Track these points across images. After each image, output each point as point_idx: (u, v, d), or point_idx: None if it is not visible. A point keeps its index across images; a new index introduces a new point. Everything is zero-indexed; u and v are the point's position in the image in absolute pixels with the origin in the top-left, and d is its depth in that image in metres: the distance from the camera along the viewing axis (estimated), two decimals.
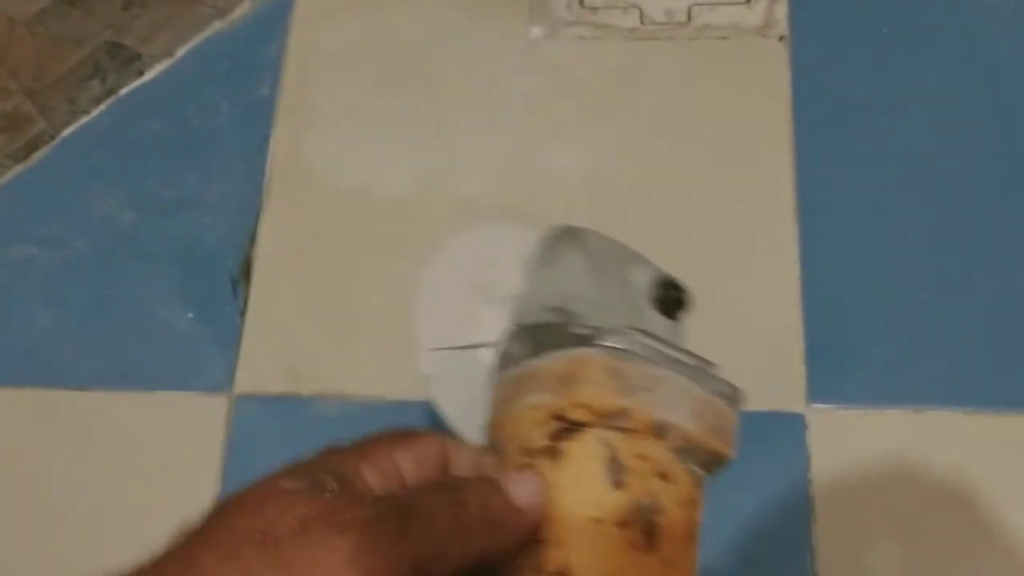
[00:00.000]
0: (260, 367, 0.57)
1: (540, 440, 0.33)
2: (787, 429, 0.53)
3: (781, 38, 0.62)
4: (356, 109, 0.63)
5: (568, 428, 0.33)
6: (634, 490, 0.32)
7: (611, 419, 0.32)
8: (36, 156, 0.63)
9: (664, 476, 0.33)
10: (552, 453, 0.33)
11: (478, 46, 0.64)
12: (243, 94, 0.64)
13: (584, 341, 0.33)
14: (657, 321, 0.37)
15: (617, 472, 0.32)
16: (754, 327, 0.56)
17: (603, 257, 0.39)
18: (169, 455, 0.56)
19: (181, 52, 0.66)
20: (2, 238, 0.62)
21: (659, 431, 0.32)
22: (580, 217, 0.58)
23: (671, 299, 0.38)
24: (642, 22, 0.64)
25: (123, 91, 0.65)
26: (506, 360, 0.37)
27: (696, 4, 0.64)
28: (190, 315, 0.58)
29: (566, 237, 0.39)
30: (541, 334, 0.36)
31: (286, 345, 0.57)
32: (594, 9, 0.65)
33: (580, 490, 0.32)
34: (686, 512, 0.33)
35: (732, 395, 0.34)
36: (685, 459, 0.33)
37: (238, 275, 0.59)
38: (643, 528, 0.32)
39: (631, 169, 0.60)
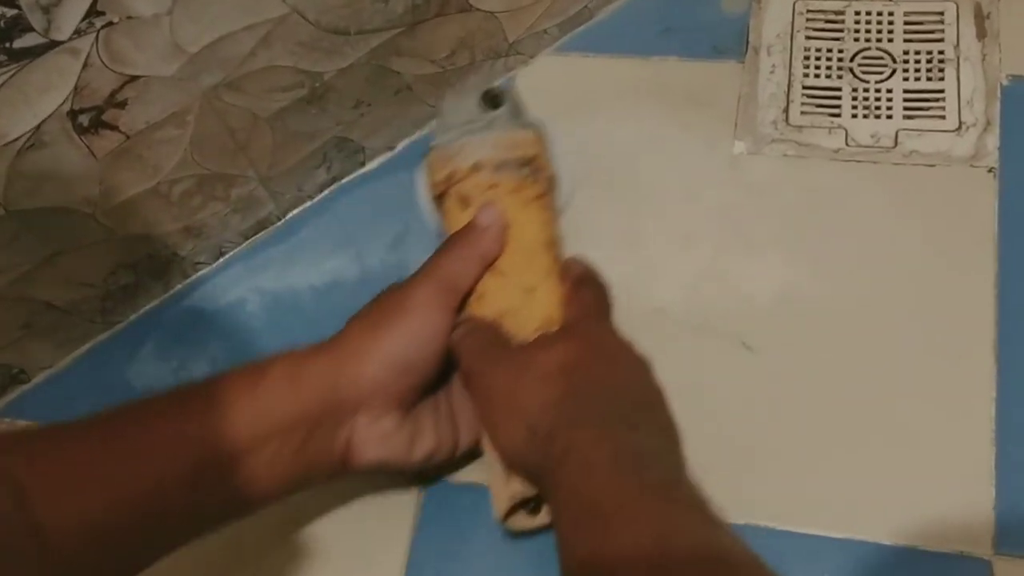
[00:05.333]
0: None
1: (439, 209, 0.59)
2: (972, 574, 0.52)
3: (990, 170, 0.62)
4: None
5: (440, 197, 0.58)
6: (475, 201, 0.55)
7: (450, 181, 0.56)
8: (262, 234, 0.69)
9: (493, 186, 0.55)
10: (442, 212, 0.58)
11: (681, 156, 0.66)
12: None
13: (427, 153, 0.58)
14: (493, 114, 0.58)
15: (463, 201, 0.56)
16: (942, 464, 0.55)
17: (463, 99, 0.59)
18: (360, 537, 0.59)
19: (400, 146, 0.70)
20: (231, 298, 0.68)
21: (476, 168, 0.56)
22: (770, 336, 0.59)
23: (490, 97, 0.58)
24: (847, 143, 0.64)
25: (345, 179, 0.70)
26: None
27: (904, 129, 0.64)
28: None
29: (450, 95, 0.61)
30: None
31: None
32: (799, 128, 0.65)
33: (452, 220, 0.56)
34: (517, 196, 0.55)
35: (521, 124, 0.58)
36: (504, 170, 0.56)
37: None
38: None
39: (825, 293, 0.60)
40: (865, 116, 0.65)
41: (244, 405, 0.48)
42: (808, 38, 0.69)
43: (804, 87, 0.67)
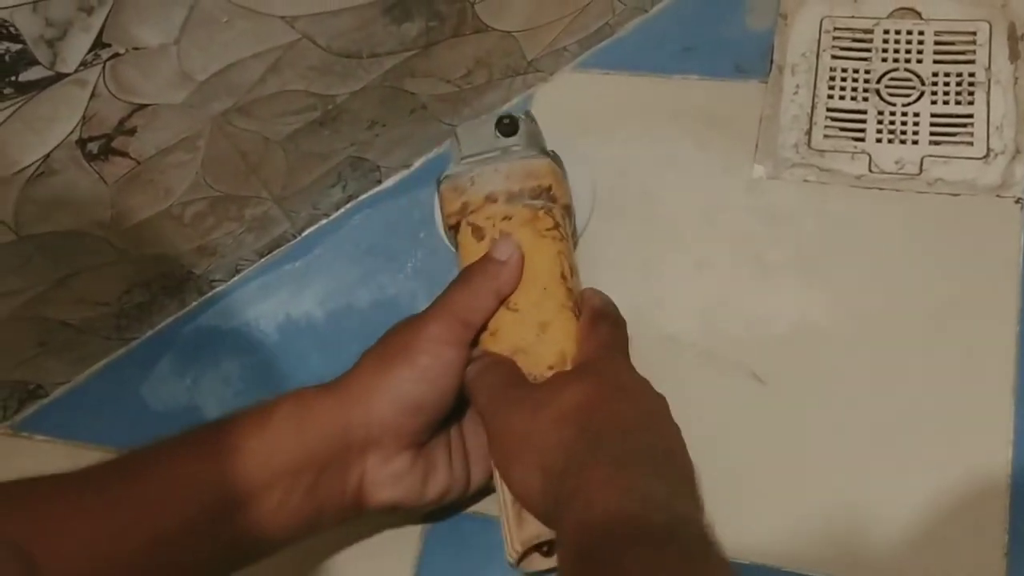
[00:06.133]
0: None
1: (453, 239, 0.58)
2: None
3: (1018, 201, 0.60)
4: None
5: (453, 227, 0.58)
6: (489, 232, 0.55)
7: (463, 212, 0.57)
8: (277, 252, 0.69)
9: (506, 217, 0.56)
10: (457, 242, 0.58)
11: (698, 179, 0.65)
12: None
13: (438, 184, 0.59)
14: (508, 141, 0.58)
15: (477, 233, 0.56)
16: (955, 507, 0.54)
17: (478, 126, 0.60)
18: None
19: (417, 164, 0.70)
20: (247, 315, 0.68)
21: (490, 199, 0.56)
22: (782, 368, 0.58)
23: (503, 125, 0.59)
24: (870, 170, 0.63)
25: (362, 197, 0.69)
26: None
27: (930, 156, 0.62)
28: None
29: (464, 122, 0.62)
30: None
31: None
32: (821, 152, 0.64)
33: (466, 251, 0.56)
34: (530, 227, 0.55)
35: (535, 152, 0.58)
36: (517, 201, 0.56)
37: None
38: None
39: (841, 325, 0.59)
40: (890, 141, 0.63)
41: (252, 448, 0.48)
42: (834, 57, 0.67)
43: (828, 109, 0.65)
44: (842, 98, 0.66)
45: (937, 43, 0.66)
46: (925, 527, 0.54)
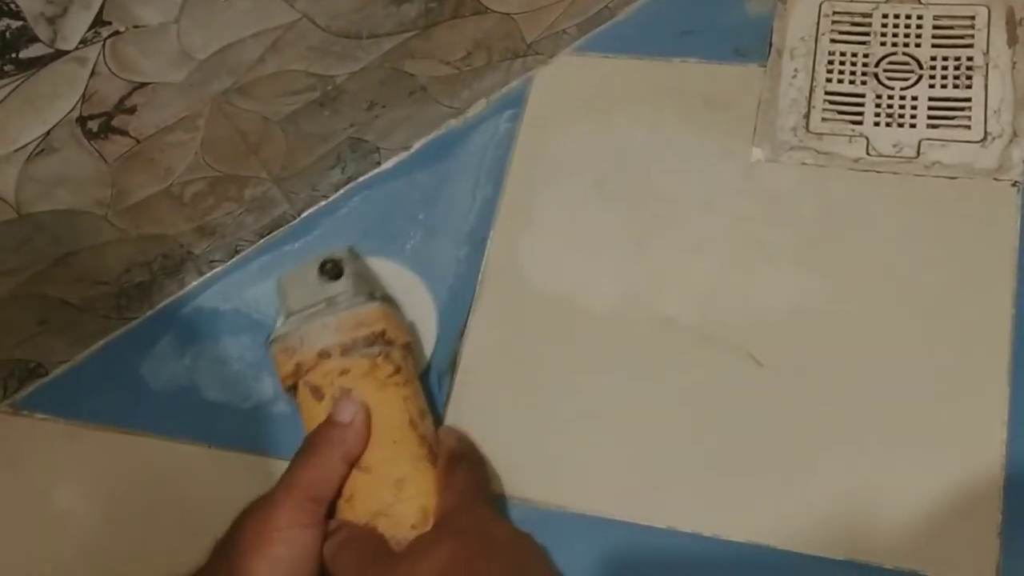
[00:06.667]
0: None
1: (293, 400, 0.55)
2: None
3: (1015, 184, 0.60)
4: (571, 215, 0.65)
5: (291, 390, 0.55)
6: (328, 391, 0.52)
7: (298, 373, 0.53)
8: (277, 233, 0.69)
9: (344, 372, 0.52)
10: (297, 404, 0.54)
11: (697, 163, 0.65)
12: (469, 190, 0.68)
13: (269, 345, 0.56)
14: (335, 286, 0.56)
15: (316, 392, 0.53)
16: (949, 488, 0.54)
17: (300, 274, 0.58)
18: None
19: (416, 146, 0.70)
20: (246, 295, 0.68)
21: (322, 355, 0.53)
22: (780, 351, 0.58)
23: (329, 271, 0.56)
24: (868, 153, 0.63)
25: (361, 179, 0.70)
26: None
27: (927, 139, 0.62)
28: None
29: (286, 273, 0.60)
30: None
31: (478, 444, 0.59)
32: (819, 135, 0.64)
33: (307, 413, 0.53)
34: (370, 378, 0.52)
35: (363, 299, 0.55)
36: (353, 352, 0.53)
37: (445, 368, 0.62)
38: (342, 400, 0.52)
39: (838, 308, 0.59)
40: (888, 124, 0.64)
41: None
42: (833, 41, 0.67)
43: (827, 93, 0.65)
44: (840, 82, 0.66)
45: (936, 27, 0.66)
46: (920, 507, 0.54)
